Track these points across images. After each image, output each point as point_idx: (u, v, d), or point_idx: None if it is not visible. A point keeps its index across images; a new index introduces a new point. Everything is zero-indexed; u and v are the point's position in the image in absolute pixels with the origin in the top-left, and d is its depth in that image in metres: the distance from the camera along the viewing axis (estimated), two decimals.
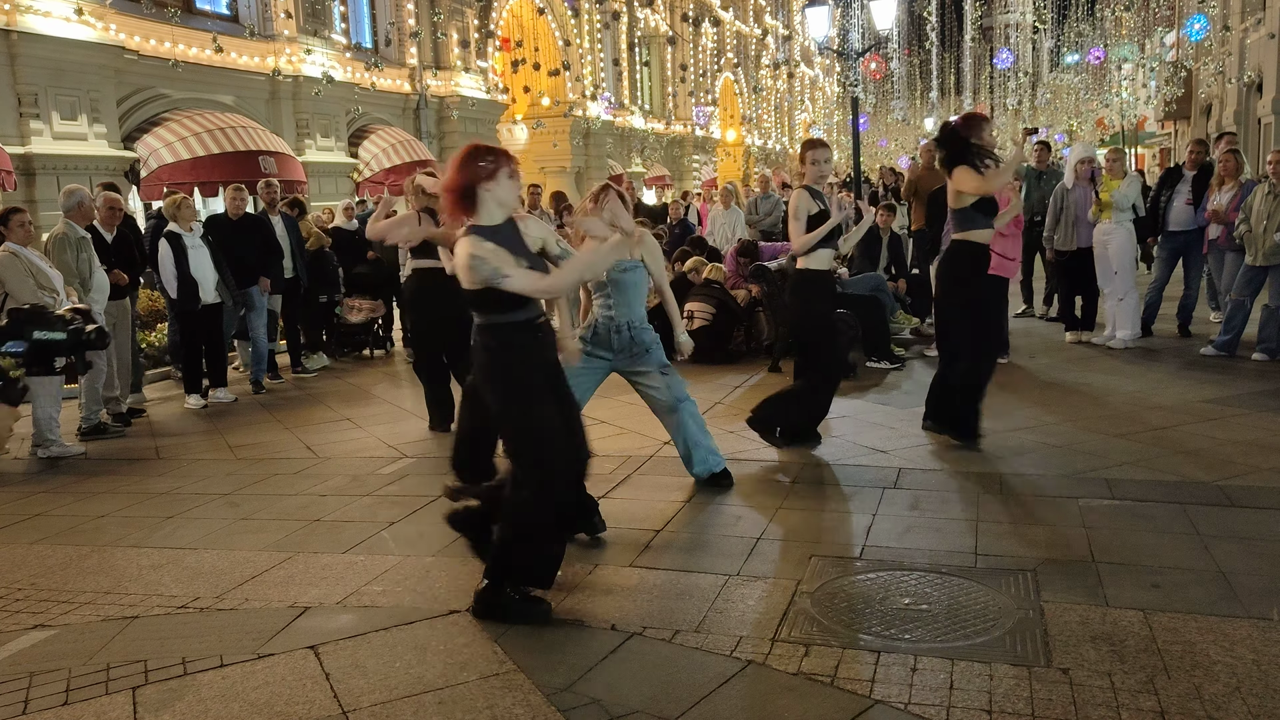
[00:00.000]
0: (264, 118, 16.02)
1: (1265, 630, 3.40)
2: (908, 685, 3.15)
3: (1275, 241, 7.82)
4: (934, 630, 3.53)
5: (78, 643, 3.79)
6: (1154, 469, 5.32)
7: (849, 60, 20.08)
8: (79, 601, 4.24)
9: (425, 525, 4.99)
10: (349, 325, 10.90)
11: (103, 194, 8.44)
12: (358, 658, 3.54)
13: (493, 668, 3.40)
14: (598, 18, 26.74)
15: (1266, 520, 4.47)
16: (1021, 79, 44.97)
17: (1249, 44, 25.77)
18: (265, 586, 4.31)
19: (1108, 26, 38.32)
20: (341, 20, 18.25)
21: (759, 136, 42.16)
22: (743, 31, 40.17)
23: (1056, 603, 3.69)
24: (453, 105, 20.73)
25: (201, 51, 14.55)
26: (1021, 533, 4.46)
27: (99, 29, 12.66)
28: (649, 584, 4.08)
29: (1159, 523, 4.50)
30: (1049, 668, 3.22)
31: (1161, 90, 31.98)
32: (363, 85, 17.87)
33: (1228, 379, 7.50)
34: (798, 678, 3.24)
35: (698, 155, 34.87)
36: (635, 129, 30.14)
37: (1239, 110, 26.28)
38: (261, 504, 5.56)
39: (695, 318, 9.33)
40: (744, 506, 5.04)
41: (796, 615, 3.70)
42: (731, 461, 5.86)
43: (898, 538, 4.49)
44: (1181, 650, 3.29)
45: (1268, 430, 6.00)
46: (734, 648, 3.46)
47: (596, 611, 3.82)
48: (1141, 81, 35.33)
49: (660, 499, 5.23)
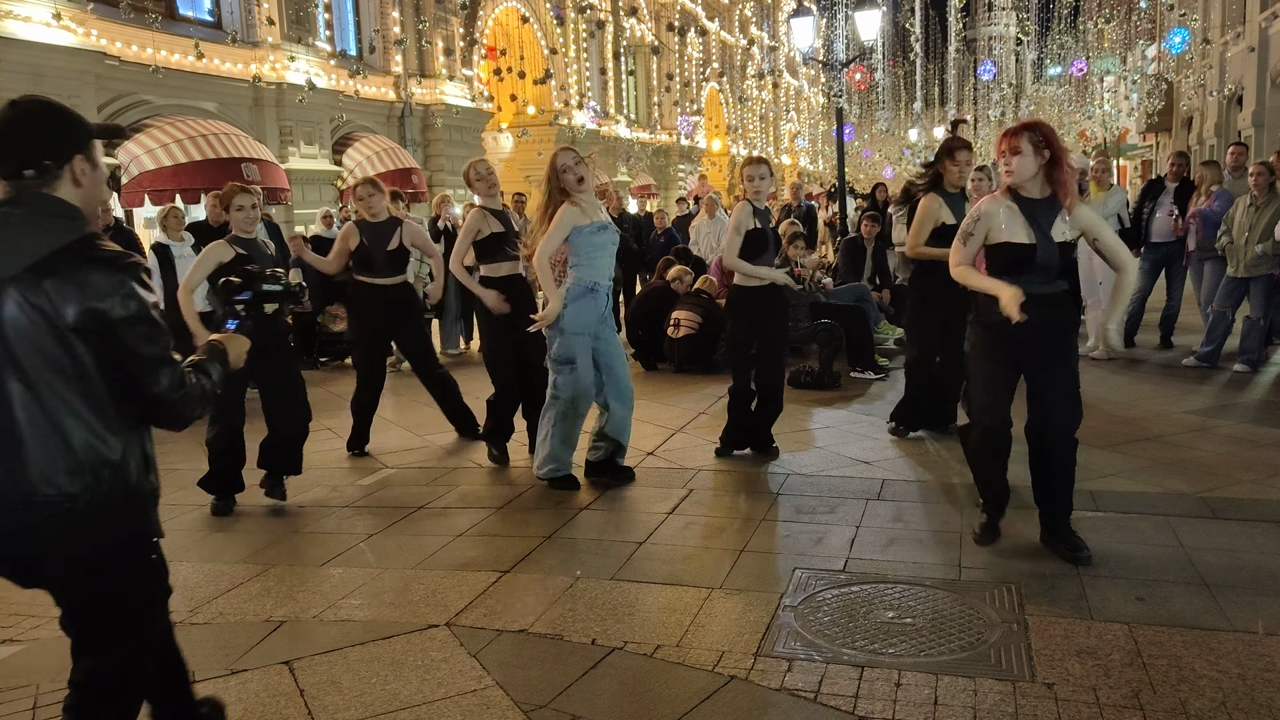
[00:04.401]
0: (247, 124, 15.93)
1: (1250, 644, 3.38)
2: (892, 701, 3.11)
3: (1256, 253, 7.86)
4: (918, 644, 3.49)
5: (47, 658, 3.71)
6: (1137, 480, 5.31)
7: (834, 71, 20.13)
8: (50, 616, 4.12)
9: (404, 537, 4.93)
10: (330, 334, 10.82)
11: None
12: (333, 674, 3.47)
13: (470, 684, 3.34)
14: (583, 26, 26.76)
15: (1249, 532, 4.46)
16: (1005, 90, 45.29)
17: (1229, 57, 26.03)
18: (240, 600, 4.23)
19: (1090, 39, 38.66)
20: (326, 27, 18.19)
21: (744, 146, 42.27)
22: (728, 41, 40.32)
23: (1040, 616, 3.66)
24: (437, 113, 20.69)
25: (184, 58, 14.46)
26: (1005, 545, 4.42)
27: (79, 34, 12.56)
28: (630, 597, 4.03)
29: (1142, 534, 4.48)
30: (1033, 682, 3.18)
31: (1143, 103, 32.28)
32: (347, 93, 17.81)
33: (1210, 390, 7.52)
34: (780, 694, 3.20)
35: (683, 165, 34.92)
36: (621, 138, 30.17)
37: (1219, 123, 26.53)
38: (237, 515, 5.48)
39: (682, 326, 9.31)
40: (727, 518, 5.00)
41: (779, 629, 3.66)
42: (715, 472, 5.84)
43: (881, 550, 4.46)
44: (1167, 664, 3.26)
45: (1250, 442, 6.01)
46: (716, 663, 3.42)
47: (577, 626, 3.77)
48: (1123, 94, 35.66)
49: (643, 511, 5.19)
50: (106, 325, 2.18)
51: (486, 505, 5.40)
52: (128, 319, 2.21)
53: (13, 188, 2.25)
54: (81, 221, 2.27)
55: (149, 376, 2.26)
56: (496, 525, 5.06)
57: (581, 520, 5.07)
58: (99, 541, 2.29)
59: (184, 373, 2.34)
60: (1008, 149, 4.04)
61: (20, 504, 2.19)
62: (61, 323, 2.15)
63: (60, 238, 2.19)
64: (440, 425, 7.27)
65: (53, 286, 2.15)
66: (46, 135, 2.27)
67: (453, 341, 11.43)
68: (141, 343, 2.24)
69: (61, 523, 2.22)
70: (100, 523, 2.26)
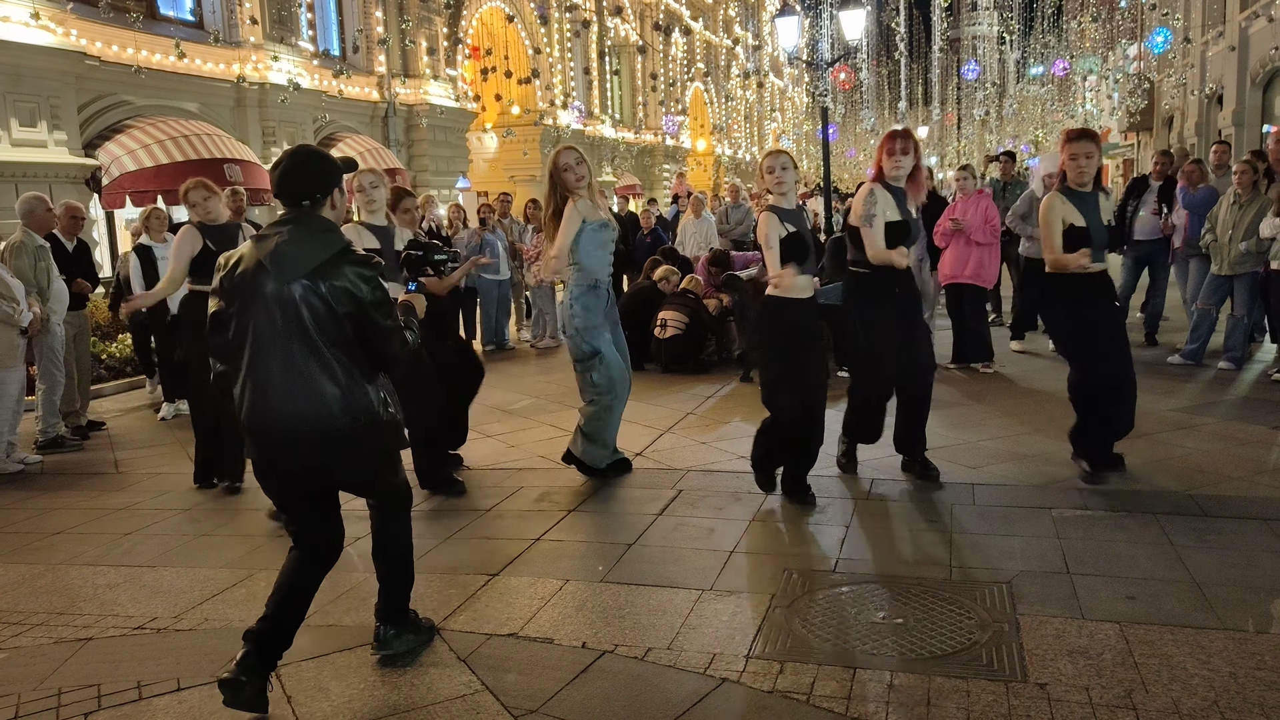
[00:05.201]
0: (229, 125, 15.83)
1: (1241, 642, 3.38)
2: (885, 703, 3.10)
3: (1240, 251, 7.89)
4: (910, 645, 3.48)
5: (28, 666, 3.66)
6: (1126, 479, 5.31)
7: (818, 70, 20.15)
8: (31, 623, 4.10)
9: None
10: None
11: (64, 202, 8.30)
12: (320, 679, 3.44)
13: (459, 689, 3.31)
14: (568, 26, 26.70)
15: (1238, 529, 4.47)
16: (989, 90, 45.48)
17: (1210, 57, 26.21)
18: (225, 605, 4.19)
19: (1072, 39, 38.86)
20: (309, 27, 18.09)
21: (729, 146, 42.30)
22: (712, 41, 40.32)
23: (1032, 615, 3.66)
24: (422, 113, 20.60)
25: (165, 58, 14.34)
26: (996, 544, 4.42)
27: (59, 34, 12.43)
28: (620, 600, 4.00)
29: (1132, 533, 4.48)
30: (1026, 683, 3.17)
31: (1125, 102, 32.46)
32: (330, 93, 17.71)
33: (1195, 388, 7.55)
34: (773, 696, 3.18)
35: (668, 164, 34.91)
36: (605, 138, 30.12)
37: (1200, 122, 26.71)
38: (223, 520, 5.42)
39: (669, 326, 9.29)
40: (717, 519, 4.98)
41: (771, 631, 3.64)
42: (703, 473, 5.81)
43: (872, 550, 4.45)
44: (1158, 663, 3.26)
45: (1236, 439, 6.03)
46: (708, 665, 3.40)
47: (567, 629, 3.74)
48: (1105, 93, 35.84)
49: (633, 512, 5.16)
50: (362, 307, 3.14)
51: (476, 508, 5.37)
52: (375, 303, 3.16)
53: (294, 212, 3.20)
54: (340, 235, 3.20)
55: (390, 341, 3.23)
56: (486, 528, 5.02)
57: (571, 522, 5.04)
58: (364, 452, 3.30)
59: (406, 334, 3.28)
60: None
61: (316, 429, 3.13)
62: (336, 308, 3.10)
63: (330, 248, 3.12)
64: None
65: (328, 283, 3.09)
66: (317, 176, 3.22)
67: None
68: (385, 318, 3.20)
69: (342, 441, 3.18)
70: (364, 442, 3.25)
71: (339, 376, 3.13)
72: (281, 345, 3.10)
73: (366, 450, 3.28)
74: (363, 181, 5.43)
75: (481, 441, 6.83)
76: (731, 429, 6.91)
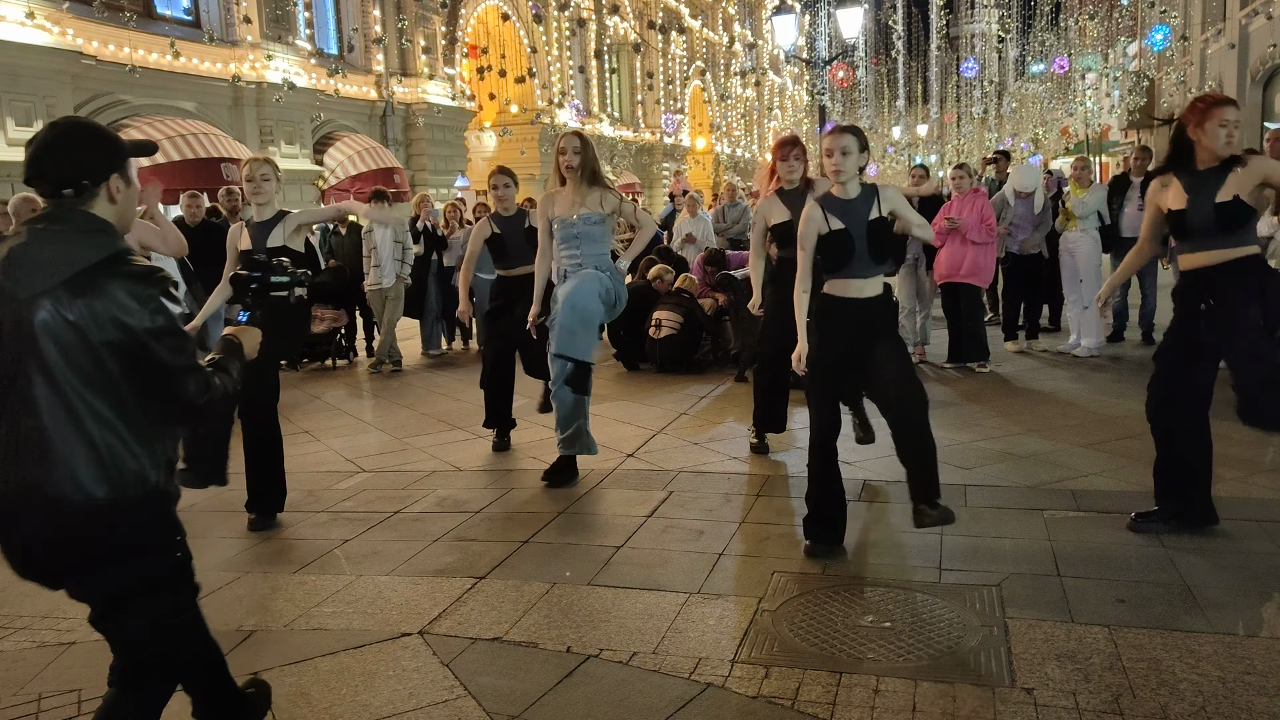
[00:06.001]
0: (226, 124, 15.81)
1: (1231, 646, 3.35)
2: (870, 708, 3.07)
3: None
4: (897, 649, 3.45)
5: (9, 671, 3.63)
6: (1119, 479, 5.29)
7: (816, 68, 20.12)
8: (14, 627, 4.07)
9: (379, 543, 4.86)
10: (311, 335, 10.71)
11: None
12: (303, 685, 3.41)
13: (442, 695, 3.28)
14: (565, 25, 26.67)
15: (1230, 531, 4.43)
16: (987, 88, 45.42)
17: (1209, 54, 26.17)
18: (210, 609, 4.11)
19: (1072, 36, 38.81)
20: (306, 26, 18.07)
21: (728, 144, 42.26)
22: (711, 39, 40.28)
23: (1021, 619, 3.63)
24: (419, 112, 20.58)
25: (162, 57, 14.32)
26: (986, 546, 4.39)
27: (55, 33, 12.42)
28: (607, 603, 3.97)
29: (1124, 534, 4.45)
30: (1013, 688, 3.14)
31: (1124, 99, 32.42)
32: (327, 92, 17.69)
33: None
34: (757, 701, 3.15)
35: (667, 163, 34.88)
36: (604, 136, 30.10)
37: None
38: (211, 520, 5.40)
39: (663, 326, 9.25)
40: (706, 521, 4.95)
41: (758, 635, 3.61)
42: (695, 474, 5.78)
43: (861, 552, 4.42)
44: (1147, 668, 3.23)
45: (1229, 440, 5.97)
46: (693, 670, 3.37)
47: (552, 633, 3.71)
48: (1105, 91, 35.78)
49: (622, 514, 5.13)
50: (135, 338, 2.25)
51: (463, 510, 5.34)
52: (155, 331, 2.27)
53: (52, 205, 2.35)
54: (115, 237, 2.35)
55: (177, 385, 2.33)
56: (472, 530, 4.99)
57: (558, 525, 5.02)
58: (123, 541, 2.38)
59: (209, 376, 2.41)
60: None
61: (50, 508, 2.28)
62: (93, 336, 2.23)
63: (95, 254, 2.26)
64: (419, 428, 7.18)
65: (85, 302, 2.22)
66: (84, 156, 2.36)
67: (434, 343, 11.36)
68: (168, 353, 2.30)
69: (88, 525, 2.30)
70: (125, 524, 2.36)
71: (92, 433, 2.27)
72: (15, 387, 2.28)
73: (119, 537, 2.36)
74: (253, 172, 5.00)
75: (472, 442, 6.81)
76: (724, 429, 6.88)
